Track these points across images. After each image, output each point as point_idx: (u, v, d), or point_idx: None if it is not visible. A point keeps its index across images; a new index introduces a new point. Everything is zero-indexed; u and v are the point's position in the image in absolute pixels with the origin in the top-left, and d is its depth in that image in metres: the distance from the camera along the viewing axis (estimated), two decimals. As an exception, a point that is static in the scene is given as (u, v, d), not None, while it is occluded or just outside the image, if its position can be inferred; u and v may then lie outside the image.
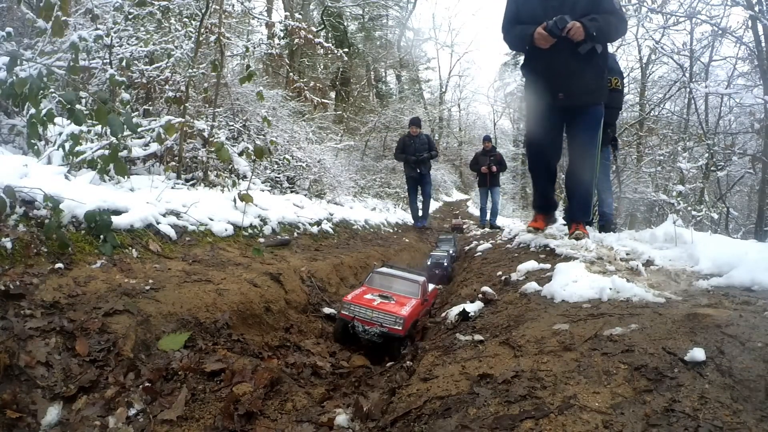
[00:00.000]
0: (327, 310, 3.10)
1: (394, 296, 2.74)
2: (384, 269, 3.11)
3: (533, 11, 2.93)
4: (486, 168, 8.10)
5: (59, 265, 1.98)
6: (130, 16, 4.44)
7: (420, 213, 8.16)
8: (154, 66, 4.67)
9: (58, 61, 3.26)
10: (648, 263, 2.19)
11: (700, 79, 8.44)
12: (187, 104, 4.31)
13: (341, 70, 15.71)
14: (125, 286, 2.04)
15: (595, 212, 3.76)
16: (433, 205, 17.03)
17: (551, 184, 3.57)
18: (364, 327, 2.53)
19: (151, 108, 4.89)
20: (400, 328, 2.45)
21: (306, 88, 5.54)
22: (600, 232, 3.42)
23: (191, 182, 4.28)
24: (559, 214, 3.83)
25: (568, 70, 2.94)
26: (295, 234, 4.44)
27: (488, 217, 8.62)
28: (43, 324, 1.64)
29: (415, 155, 7.39)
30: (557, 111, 3.17)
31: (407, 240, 6.60)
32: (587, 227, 3.23)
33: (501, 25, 3.20)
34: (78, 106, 2.40)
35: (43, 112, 2.61)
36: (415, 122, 7.66)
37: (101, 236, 2.31)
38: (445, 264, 4.79)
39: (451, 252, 5.39)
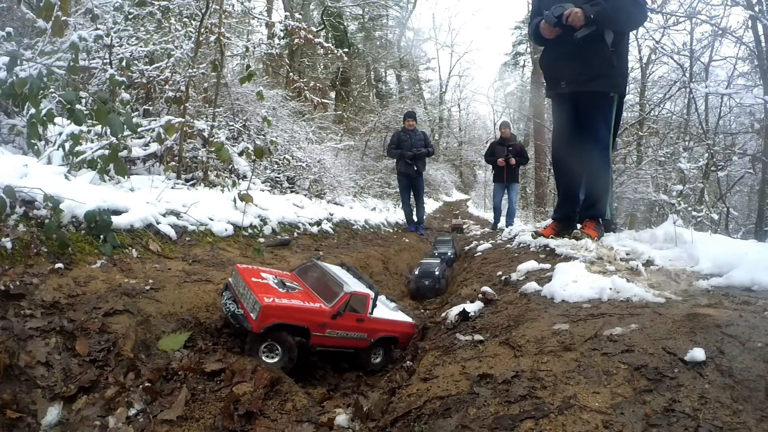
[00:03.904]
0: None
1: (302, 290, 2.13)
2: (327, 264, 2.44)
3: (549, 3, 2.87)
4: (503, 160, 6.87)
5: (59, 265, 1.98)
6: (130, 16, 4.44)
7: (415, 218, 7.61)
8: (154, 66, 4.67)
9: (58, 61, 3.26)
10: (648, 263, 2.18)
11: (700, 79, 8.43)
12: (187, 104, 4.31)
13: (341, 70, 15.72)
14: (125, 286, 2.04)
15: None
16: (434, 205, 17.03)
17: (570, 187, 3.26)
18: (227, 300, 2.01)
19: (151, 108, 4.89)
20: (254, 317, 1.81)
21: (306, 88, 5.54)
22: None
23: (191, 182, 4.28)
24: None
25: (568, 56, 2.89)
26: (295, 234, 4.44)
27: (503, 217, 7.41)
28: (43, 324, 1.64)
29: (411, 150, 6.83)
30: (564, 102, 3.11)
31: (407, 240, 6.60)
32: (598, 225, 3.02)
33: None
34: (78, 106, 2.40)
35: (43, 112, 2.61)
36: (411, 115, 7.18)
37: (101, 236, 2.31)
38: (437, 273, 4.14)
39: (449, 254, 5.29)
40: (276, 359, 1.90)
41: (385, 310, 2.45)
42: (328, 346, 2.11)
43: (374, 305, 2.23)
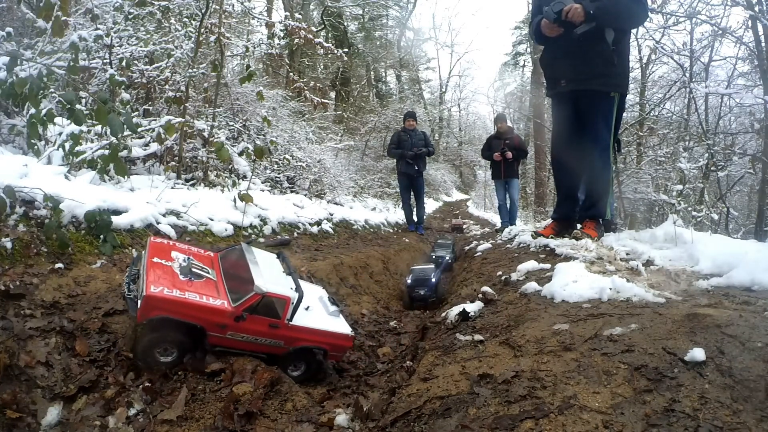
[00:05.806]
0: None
1: (210, 280, 1.89)
2: (257, 251, 2.11)
3: (549, 1, 2.79)
4: (499, 155, 6.24)
5: (59, 265, 1.98)
6: (130, 16, 4.43)
7: (415, 218, 7.56)
8: (154, 66, 4.67)
9: (58, 61, 3.26)
10: (648, 263, 2.18)
11: (700, 79, 8.42)
12: (187, 104, 4.31)
13: (341, 70, 15.71)
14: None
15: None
16: (434, 205, 17.02)
17: (570, 187, 3.24)
18: (127, 277, 1.86)
19: (151, 108, 4.88)
20: (138, 305, 1.65)
21: (306, 88, 5.55)
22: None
23: (191, 182, 4.28)
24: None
25: (568, 55, 2.85)
26: (295, 234, 4.44)
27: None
28: (43, 324, 1.65)
29: (413, 150, 6.77)
30: (564, 101, 3.10)
31: (407, 240, 6.60)
32: (598, 225, 3.01)
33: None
34: (78, 106, 2.41)
35: (43, 112, 2.61)
36: (411, 115, 7.19)
37: (101, 236, 2.31)
38: (433, 280, 3.86)
39: (447, 258, 5.21)
40: (170, 358, 1.73)
41: (318, 316, 2.14)
42: (231, 348, 1.85)
43: (295, 311, 1.91)
